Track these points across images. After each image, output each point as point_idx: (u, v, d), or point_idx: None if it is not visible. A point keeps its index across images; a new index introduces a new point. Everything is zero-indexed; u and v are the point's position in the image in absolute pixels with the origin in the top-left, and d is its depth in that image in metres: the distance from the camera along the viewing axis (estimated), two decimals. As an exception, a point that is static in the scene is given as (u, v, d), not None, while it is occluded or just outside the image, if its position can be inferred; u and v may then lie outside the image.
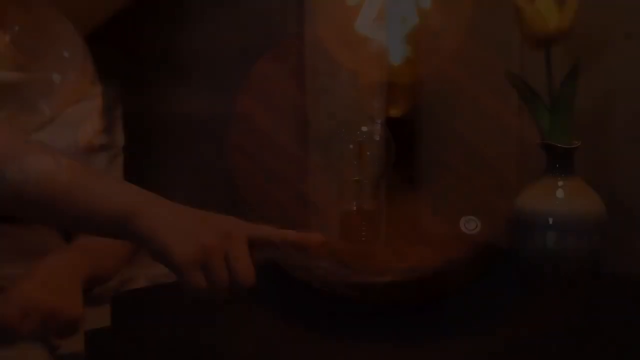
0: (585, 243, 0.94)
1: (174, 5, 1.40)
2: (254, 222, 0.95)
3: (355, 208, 0.95)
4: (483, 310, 0.94)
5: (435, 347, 0.87)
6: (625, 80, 1.08)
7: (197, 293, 0.90)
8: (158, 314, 0.92)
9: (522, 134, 1.21)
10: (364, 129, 0.96)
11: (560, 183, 0.97)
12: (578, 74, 0.96)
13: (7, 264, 1.19)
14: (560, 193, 0.96)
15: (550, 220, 0.95)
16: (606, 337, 0.90)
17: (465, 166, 1.29)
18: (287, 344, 0.87)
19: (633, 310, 0.97)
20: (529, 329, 0.90)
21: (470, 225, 0.97)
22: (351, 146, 0.95)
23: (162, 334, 0.89)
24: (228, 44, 1.34)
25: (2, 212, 1.05)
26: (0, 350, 0.98)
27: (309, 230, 1.26)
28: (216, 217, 0.93)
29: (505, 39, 1.20)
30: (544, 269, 0.95)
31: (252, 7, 1.30)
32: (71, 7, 1.22)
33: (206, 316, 0.91)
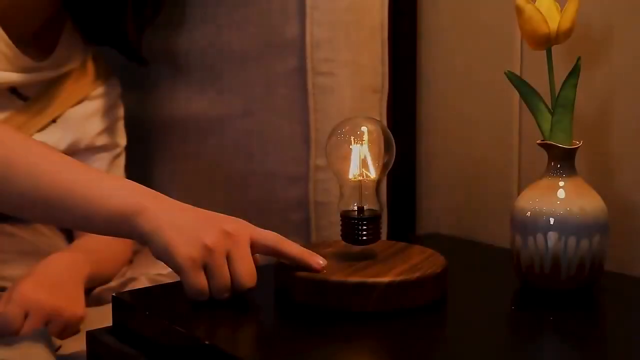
0: (587, 243, 0.94)
1: (175, 5, 1.39)
2: (255, 224, 0.95)
3: (356, 208, 0.95)
4: (484, 311, 0.94)
5: (436, 347, 0.87)
6: (627, 80, 1.08)
7: (198, 293, 0.90)
8: (159, 314, 0.92)
9: (523, 134, 1.21)
10: (364, 128, 0.96)
11: (561, 183, 0.97)
12: (579, 74, 0.96)
13: (8, 264, 1.19)
14: (561, 193, 0.96)
15: (552, 221, 0.95)
16: (608, 337, 0.90)
17: (466, 166, 1.30)
18: (288, 344, 0.87)
19: (635, 310, 0.97)
20: (529, 329, 0.90)
21: None
22: (352, 146, 0.95)
23: (162, 335, 0.89)
24: (228, 44, 1.33)
25: (6, 212, 1.05)
26: (2, 350, 0.98)
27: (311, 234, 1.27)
28: (219, 217, 0.93)
29: (506, 39, 1.21)
30: (545, 270, 0.95)
31: (252, 7, 1.30)
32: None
33: (206, 316, 0.91)
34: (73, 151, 1.28)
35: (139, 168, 1.47)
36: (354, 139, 0.95)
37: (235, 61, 1.33)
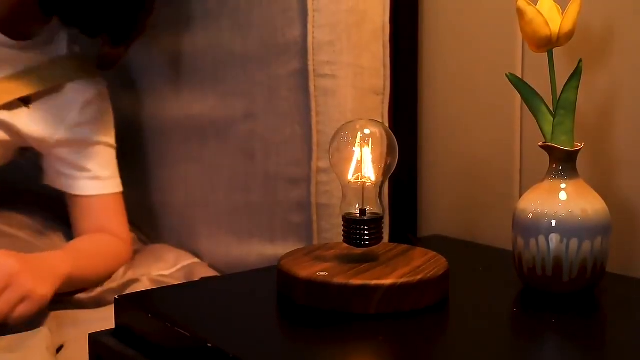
0: (589, 245, 0.94)
1: (177, 8, 1.40)
2: (257, 226, 0.95)
3: (358, 210, 0.95)
4: (486, 313, 0.94)
5: (438, 349, 0.87)
6: (628, 82, 1.08)
7: None
8: (161, 316, 0.92)
9: (524, 136, 1.21)
10: (367, 131, 0.96)
11: (563, 185, 0.97)
12: (581, 76, 0.96)
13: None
14: (563, 195, 0.96)
15: (553, 223, 0.95)
16: (610, 339, 0.90)
17: (468, 168, 1.30)
18: (289, 346, 0.87)
19: (637, 312, 0.97)
20: (531, 331, 0.90)
21: None
22: (354, 148, 0.95)
23: (164, 336, 0.89)
24: (230, 46, 1.34)
25: None
26: (2, 350, 0.98)
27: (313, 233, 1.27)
28: None
29: (508, 41, 1.21)
30: (547, 272, 0.95)
31: (254, 10, 1.30)
32: None
33: (209, 318, 0.91)
34: (44, 138, 1.28)
35: (141, 171, 1.47)
36: (357, 141, 0.95)
37: (237, 63, 1.33)
